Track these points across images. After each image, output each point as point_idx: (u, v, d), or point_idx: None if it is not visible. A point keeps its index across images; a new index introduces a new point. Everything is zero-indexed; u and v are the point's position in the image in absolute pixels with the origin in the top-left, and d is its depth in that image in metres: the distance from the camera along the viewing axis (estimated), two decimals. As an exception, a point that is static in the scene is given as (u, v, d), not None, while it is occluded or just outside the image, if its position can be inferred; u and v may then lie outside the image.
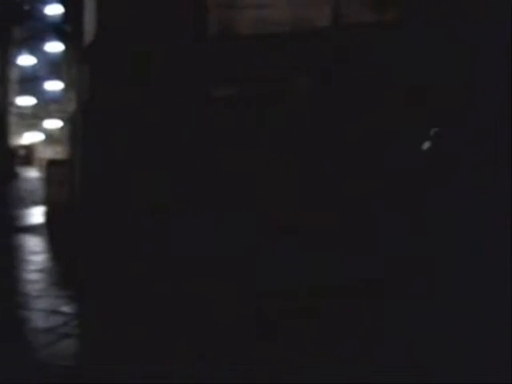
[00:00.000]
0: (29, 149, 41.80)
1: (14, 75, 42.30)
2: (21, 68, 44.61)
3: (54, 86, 46.90)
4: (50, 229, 8.48)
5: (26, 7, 43.17)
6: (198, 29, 5.25)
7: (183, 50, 5.19)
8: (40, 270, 5.67)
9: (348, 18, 5.14)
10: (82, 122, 5.81)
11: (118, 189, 5.17)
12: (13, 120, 41.73)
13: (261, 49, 5.10)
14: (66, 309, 4.35)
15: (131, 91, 5.26)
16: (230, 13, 5.30)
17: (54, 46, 46.54)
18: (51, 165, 9.50)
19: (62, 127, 47.64)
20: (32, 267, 5.79)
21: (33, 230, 8.43)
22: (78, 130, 6.11)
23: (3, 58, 34.08)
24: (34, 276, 5.42)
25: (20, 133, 43.95)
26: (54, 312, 4.23)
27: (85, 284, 5.09)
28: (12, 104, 42.40)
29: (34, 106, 46.58)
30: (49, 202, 9.22)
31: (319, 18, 5.15)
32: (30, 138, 45.03)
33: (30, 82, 44.94)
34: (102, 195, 5.29)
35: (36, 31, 44.76)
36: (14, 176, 23.88)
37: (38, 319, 4.07)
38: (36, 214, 10.44)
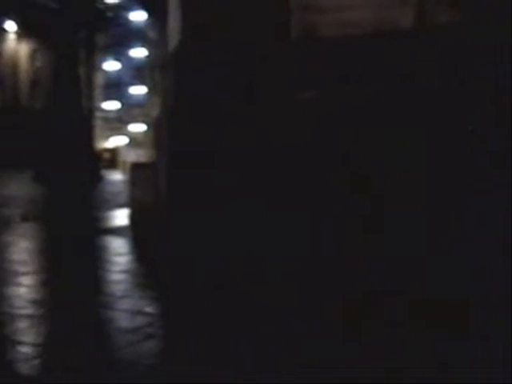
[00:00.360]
0: (113, 152, 42.62)
1: (99, 80, 43.38)
2: (106, 73, 45.74)
3: (137, 90, 47.83)
4: (135, 231, 8.60)
5: (110, 14, 44.26)
6: (280, 31, 5.26)
7: (266, 53, 5.20)
8: (124, 271, 5.77)
9: (432, 18, 5.05)
10: (166, 125, 5.90)
11: (202, 192, 5.22)
12: (98, 124, 42.78)
13: (343, 51, 5.07)
14: (150, 310, 4.41)
15: (215, 95, 5.30)
16: (312, 15, 5.28)
17: (138, 52, 47.51)
18: (135, 168, 9.61)
19: (145, 131, 48.51)
20: (116, 268, 5.90)
21: (117, 231, 8.63)
22: (163, 133, 6.21)
23: (89, 64, 34.96)
24: (118, 277, 5.53)
25: (105, 136, 44.98)
26: (139, 312, 4.29)
27: (169, 286, 5.16)
28: (97, 108, 43.48)
29: (118, 111, 47.55)
30: (133, 205, 9.34)
31: (402, 18, 5.08)
32: (114, 141, 45.97)
33: (115, 87, 45.95)
34: (187, 198, 5.36)
35: (120, 37, 45.80)
36: (100, 179, 24.44)
37: (123, 319, 4.14)
38: (120, 216, 10.61)
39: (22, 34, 49.54)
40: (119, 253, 6.85)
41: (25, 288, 5.11)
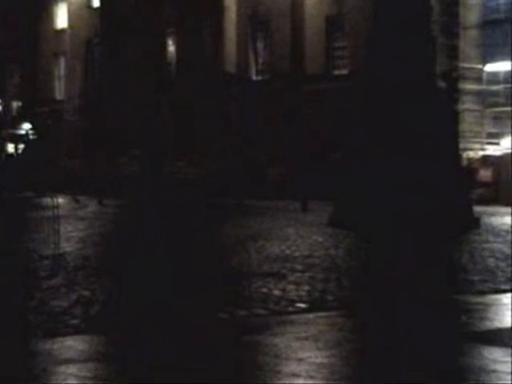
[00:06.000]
0: (497, 167, 37.95)
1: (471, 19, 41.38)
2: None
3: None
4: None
5: None
6: None
7: None
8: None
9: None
10: None
11: None
12: (467, 107, 40.34)
13: None
14: None
15: None
16: None
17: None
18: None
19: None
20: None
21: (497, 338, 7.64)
22: None
23: None
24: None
25: (479, 136, 42.37)
26: None
27: None
28: (469, 76, 40.88)
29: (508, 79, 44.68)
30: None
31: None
32: (500, 144, 42.13)
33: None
34: None
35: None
36: (472, 223, 20.60)
37: None
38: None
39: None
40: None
41: None
